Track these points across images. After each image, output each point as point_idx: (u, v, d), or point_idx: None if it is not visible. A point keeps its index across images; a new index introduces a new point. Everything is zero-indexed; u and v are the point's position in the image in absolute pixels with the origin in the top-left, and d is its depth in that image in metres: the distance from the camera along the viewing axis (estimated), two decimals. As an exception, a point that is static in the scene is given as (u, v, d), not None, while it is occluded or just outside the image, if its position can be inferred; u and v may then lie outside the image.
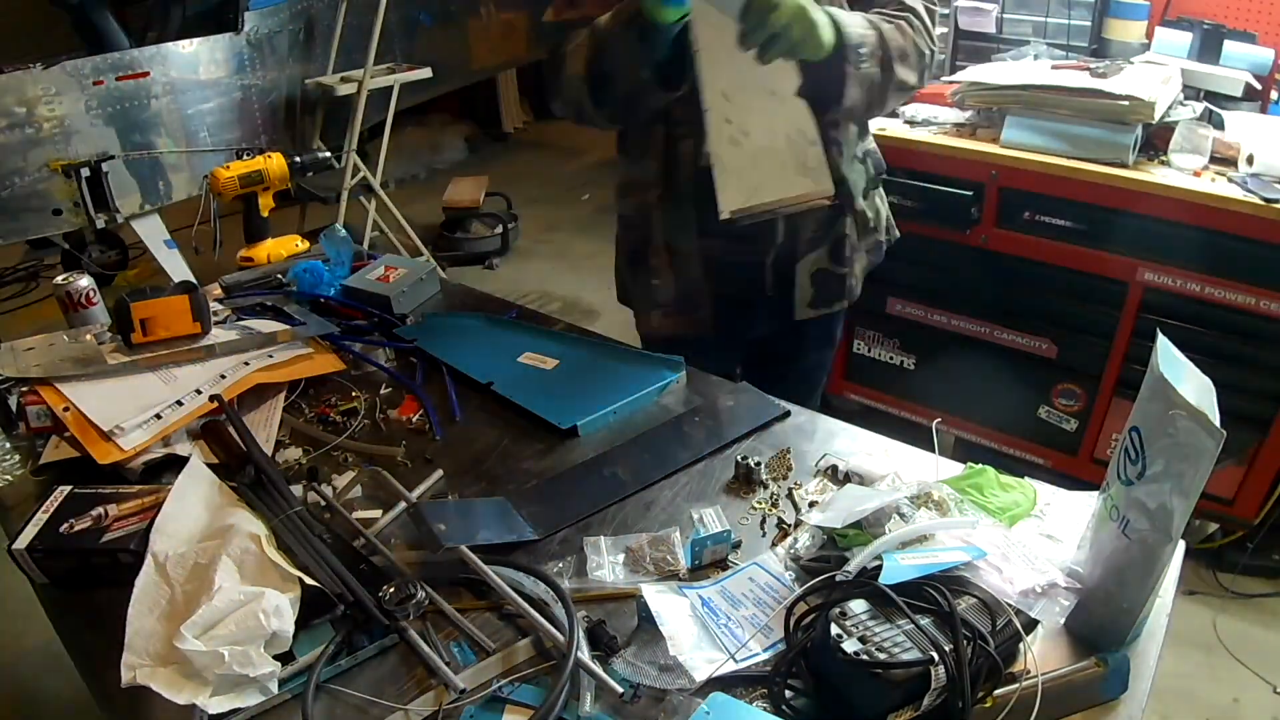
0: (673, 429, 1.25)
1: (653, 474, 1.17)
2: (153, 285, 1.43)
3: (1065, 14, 2.41)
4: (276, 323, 1.51)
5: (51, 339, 1.40)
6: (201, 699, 0.83)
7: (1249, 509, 2.12)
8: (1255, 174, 1.93)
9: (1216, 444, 0.71)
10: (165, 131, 3.17)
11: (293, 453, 1.24)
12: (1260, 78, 2.20)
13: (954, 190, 2.19)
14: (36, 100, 2.81)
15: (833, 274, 1.49)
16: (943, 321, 2.40)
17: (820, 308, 1.51)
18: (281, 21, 3.51)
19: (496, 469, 1.21)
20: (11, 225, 2.92)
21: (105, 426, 1.18)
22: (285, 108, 3.65)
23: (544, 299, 3.88)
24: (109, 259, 3.90)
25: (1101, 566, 0.86)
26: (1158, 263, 2.01)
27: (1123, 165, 2.00)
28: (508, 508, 1.10)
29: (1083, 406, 2.26)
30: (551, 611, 0.93)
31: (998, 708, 0.78)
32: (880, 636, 0.78)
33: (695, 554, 1.01)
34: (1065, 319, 2.21)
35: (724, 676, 0.84)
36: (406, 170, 5.40)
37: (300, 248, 1.80)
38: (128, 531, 1.03)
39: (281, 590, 0.91)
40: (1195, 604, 2.17)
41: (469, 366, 1.40)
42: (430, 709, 0.85)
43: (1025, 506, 1.04)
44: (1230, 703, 1.96)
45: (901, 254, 2.38)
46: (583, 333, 1.52)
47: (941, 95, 2.35)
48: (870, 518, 0.95)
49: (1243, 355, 1.98)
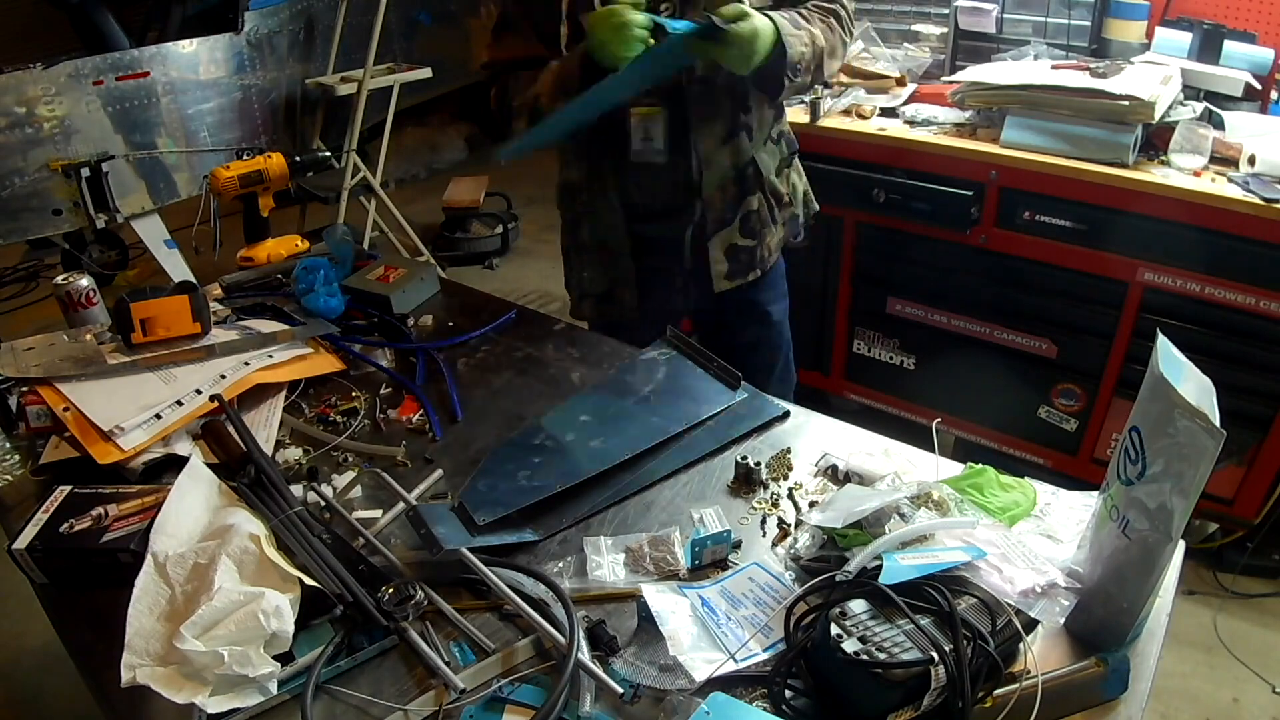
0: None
1: (653, 474, 1.17)
2: (153, 285, 1.44)
3: (1065, 14, 2.41)
4: (276, 323, 1.52)
5: (51, 339, 1.40)
6: (201, 699, 0.83)
7: (1249, 509, 2.12)
8: (1256, 174, 1.93)
9: (1216, 444, 0.71)
10: (165, 131, 3.17)
11: (293, 453, 1.24)
12: (1260, 78, 2.19)
13: (954, 190, 2.19)
14: (36, 100, 2.81)
15: (743, 247, 1.62)
16: (943, 321, 2.40)
17: (735, 279, 1.63)
18: (281, 21, 3.51)
19: (496, 469, 1.20)
20: (11, 225, 2.92)
21: (105, 426, 1.18)
22: (285, 108, 3.65)
23: (544, 299, 3.88)
24: (109, 259, 3.90)
25: (1101, 566, 0.86)
26: (1158, 263, 2.01)
27: (1123, 165, 2.00)
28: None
29: (1083, 406, 2.26)
30: (551, 611, 0.93)
31: (998, 708, 0.79)
32: (880, 636, 0.78)
33: (695, 554, 1.01)
34: (1065, 319, 2.21)
35: (724, 676, 0.84)
36: (406, 170, 5.40)
37: (300, 248, 1.80)
38: (128, 531, 1.03)
39: (281, 590, 0.91)
40: (1195, 604, 2.17)
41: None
42: (430, 709, 0.85)
43: (1025, 506, 1.04)
44: (1230, 703, 1.96)
45: (901, 254, 2.42)
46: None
47: (941, 95, 2.35)
48: (870, 518, 0.95)
49: (1243, 355, 1.98)
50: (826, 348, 2.66)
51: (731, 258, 1.61)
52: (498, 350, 1.51)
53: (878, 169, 2.29)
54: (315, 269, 1.57)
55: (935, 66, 2.60)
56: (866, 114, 2.37)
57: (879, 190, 2.29)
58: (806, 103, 2.37)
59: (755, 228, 1.62)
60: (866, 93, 2.46)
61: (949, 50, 2.61)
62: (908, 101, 2.41)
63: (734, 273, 1.62)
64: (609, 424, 1.26)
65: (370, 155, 3.94)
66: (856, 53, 2.59)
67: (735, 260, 1.61)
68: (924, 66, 2.59)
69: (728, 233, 1.59)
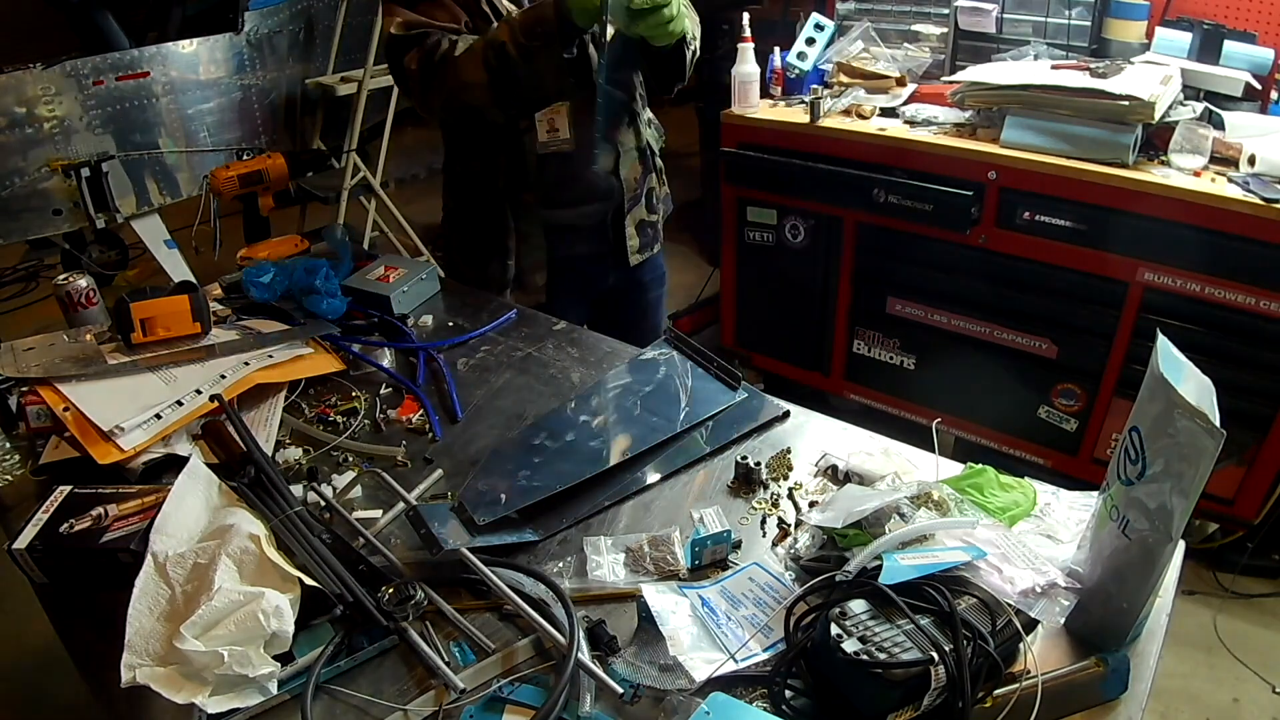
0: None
1: (653, 474, 1.17)
2: (153, 285, 1.43)
3: (1065, 14, 2.41)
4: (276, 323, 1.52)
5: (51, 339, 1.40)
6: (201, 699, 0.83)
7: (1249, 509, 2.12)
8: (1256, 174, 1.93)
9: (1216, 444, 0.71)
10: (165, 131, 3.17)
11: (293, 453, 1.24)
12: (1260, 78, 2.19)
13: (954, 190, 2.19)
14: (36, 100, 2.81)
15: (649, 223, 1.81)
16: (943, 321, 2.40)
17: (645, 252, 1.81)
18: (281, 21, 3.50)
19: (496, 469, 1.20)
20: (11, 225, 2.93)
21: (105, 426, 1.18)
22: (285, 108, 3.64)
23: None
24: (109, 259, 3.90)
25: (1101, 566, 0.86)
26: (1158, 263, 2.01)
27: (1123, 165, 2.00)
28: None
29: (1083, 406, 2.26)
30: (551, 611, 0.93)
31: (998, 708, 0.79)
32: (880, 636, 0.78)
33: (695, 554, 1.01)
34: (1065, 319, 2.21)
35: (724, 676, 0.84)
36: (406, 170, 5.40)
37: (300, 247, 1.80)
38: (128, 531, 1.03)
39: (281, 590, 0.91)
40: (1195, 604, 2.17)
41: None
42: (430, 709, 0.85)
43: (1025, 506, 1.04)
44: (1230, 703, 1.96)
45: (901, 254, 2.42)
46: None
47: (941, 95, 2.35)
48: (870, 518, 0.95)
49: (1243, 355, 1.98)
50: (826, 348, 2.66)
51: (641, 233, 1.78)
52: (498, 350, 1.51)
53: (878, 169, 2.29)
54: (315, 269, 1.57)
55: (935, 66, 2.60)
56: (866, 114, 2.37)
57: (879, 190, 2.29)
58: (806, 103, 2.37)
59: (655, 203, 1.81)
60: (866, 93, 2.46)
61: (949, 50, 2.61)
62: (908, 101, 2.41)
63: (643, 246, 1.80)
64: (609, 424, 1.26)
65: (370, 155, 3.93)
66: (856, 53, 2.59)
67: (644, 234, 1.79)
68: (924, 66, 2.59)
69: (637, 210, 1.76)
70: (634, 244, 1.77)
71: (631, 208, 1.74)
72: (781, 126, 2.42)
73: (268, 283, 1.54)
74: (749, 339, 2.85)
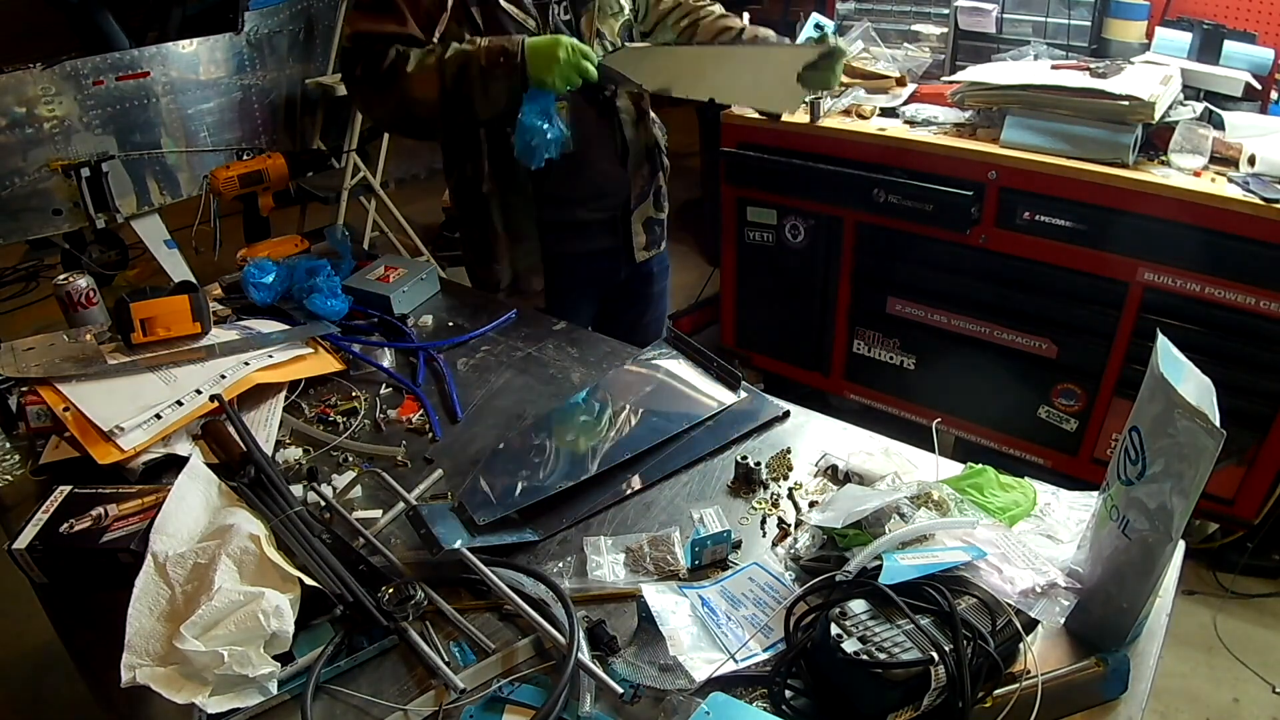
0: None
1: (653, 474, 1.17)
2: (153, 285, 1.43)
3: (1065, 14, 2.41)
4: (276, 323, 1.52)
5: (51, 339, 1.40)
6: (201, 699, 0.83)
7: (1249, 509, 2.12)
8: (1256, 174, 1.93)
9: (1216, 444, 0.71)
10: (165, 131, 3.17)
11: (293, 453, 1.24)
12: (1260, 78, 2.19)
13: (954, 190, 2.18)
14: (36, 100, 2.80)
15: (656, 220, 1.81)
16: (943, 321, 2.39)
17: (652, 249, 1.82)
18: (281, 21, 3.50)
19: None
20: (11, 225, 2.92)
21: (105, 426, 1.18)
22: (285, 108, 3.64)
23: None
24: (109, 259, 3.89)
25: (1101, 566, 0.86)
26: (1158, 263, 2.01)
27: (1123, 165, 2.00)
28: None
29: (1083, 406, 2.26)
30: (551, 611, 0.93)
31: (998, 708, 0.79)
32: (880, 636, 0.78)
33: (695, 554, 1.01)
34: (1065, 319, 2.21)
35: (724, 676, 0.84)
36: (406, 170, 5.39)
37: (300, 247, 1.80)
38: (128, 531, 1.03)
39: (281, 590, 0.91)
40: (1195, 604, 2.17)
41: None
42: (430, 709, 0.85)
43: (1025, 506, 1.04)
44: (1230, 703, 1.96)
45: (901, 254, 2.42)
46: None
47: (941, 95, 2.35)
48: (870, 518, 0.95)
49: (1243, 355, 1.98)
50: (826, 348, 2.66)
51: (648, 230, 1.79)
52: (498, 350, 1.51)
53: (878, 169, 2.29)
54: (316, 270, 1.57)
55: (935, 66, 2.60)
56: (866, 114, 2.37)
57: (879, 190, 2.29)
58: (807, 103, 2.37)
59: (662, 201, 1.81)
60: (866, 93, 2.46)
61: (949, 50, 2.61)
62: (908, 101, 2.41)
63: (650, 244, 1.81)
64: (609, 424, 1.26)
65: (370, 155, 3.93)
66: (856, 53, 2.59)
67: (651, 233, 1.80)
68: (924, 66, 2.59)
69: (645, 207, 1.76)
70: (640, 241, 1.78)
71: (638, 205, 1.75)
72: (781, 126, 2.42)
73: (269, 283, 1.54)
74: (749, 339, 2.85)
